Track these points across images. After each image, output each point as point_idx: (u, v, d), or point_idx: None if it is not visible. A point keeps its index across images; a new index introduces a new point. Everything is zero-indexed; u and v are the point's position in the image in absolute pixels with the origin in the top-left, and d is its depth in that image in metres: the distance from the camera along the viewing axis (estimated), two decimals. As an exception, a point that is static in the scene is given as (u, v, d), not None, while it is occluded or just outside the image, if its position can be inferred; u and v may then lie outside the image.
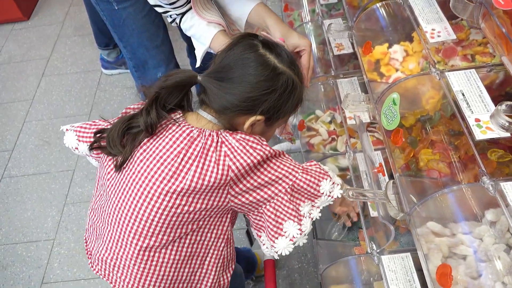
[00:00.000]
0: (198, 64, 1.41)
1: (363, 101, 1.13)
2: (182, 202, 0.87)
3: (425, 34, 1.05)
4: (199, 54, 1.38)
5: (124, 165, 0.92)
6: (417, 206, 0.84)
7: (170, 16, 1.34)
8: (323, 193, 0.93)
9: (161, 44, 1.59)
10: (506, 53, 0.78)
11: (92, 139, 1.01)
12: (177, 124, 0.92)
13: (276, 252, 0.93)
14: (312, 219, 0.93)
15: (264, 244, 0.96)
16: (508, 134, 0.78)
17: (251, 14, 1.35)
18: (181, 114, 0.96)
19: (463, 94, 0.91)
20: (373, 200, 0.90)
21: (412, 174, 0.95)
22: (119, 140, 0.92)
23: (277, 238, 0.92)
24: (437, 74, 0.96)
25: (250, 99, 0.89)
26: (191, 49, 1.42)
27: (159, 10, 1.34)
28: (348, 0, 1.44)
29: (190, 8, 1.31)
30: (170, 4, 1.29)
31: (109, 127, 0.97)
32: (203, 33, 1.33)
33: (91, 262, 1.03)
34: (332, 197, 0.94)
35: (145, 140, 0.92)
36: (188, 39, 1.51)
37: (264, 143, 0.91)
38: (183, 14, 1.33)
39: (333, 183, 0.93)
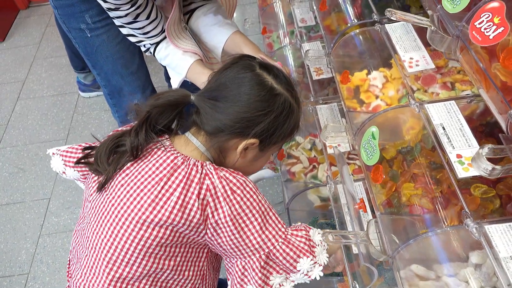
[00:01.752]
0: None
1: (343, 131, 1.09)
2: (159, 234, 0.83)
3: (403, 63, 1.03)
4: (175, 83, 1.34)
5: (106, 186, 0.89)
6: (400, 249, 0.81)
7: (144, 45, 1.30)
8: (299, 271, 0.87)
9: (136, 71, 1.54)
10: (485, 89, 0.76)
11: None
12: (162, 148, 0.88)
13: None
14: None
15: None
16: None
17: (227, 42, 1.32)
18: (168, 138, 0.92)
19: (443, 128, 0.88)
20: (354, 243, 0.86)
21: (394, 211, 0.91)
22: (106, 158, 0.89)
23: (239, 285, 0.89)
24: (416, 107, 0.93)
25: (245, 120, 0.86)
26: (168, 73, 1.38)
27: (132, 39, 1.30)
28: (325, 25, 1.42)
29: (165, 37, 1.27)
30: (144, 34, 1.25)
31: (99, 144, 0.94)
32: (179, 62, 1.29)
33: (68, 286, 0.99)
34: (310, 277, 0.87)
35: (129, 164, 0.88)
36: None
37: (248, 188, 0.86)
38: (157, 43, 1.29)
39: (315, 262, 0.87)
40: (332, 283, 1.14)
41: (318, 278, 0.88)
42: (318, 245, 0.89)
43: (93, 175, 0.94)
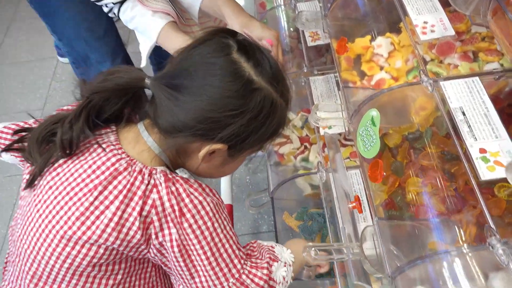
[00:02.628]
0: (143, 64, 1.17)
1: (338, 111, 0.91)
2: (90, 253, 0.67)
3: (415, 28, 0.82)
4: (144, 51, 1.14)
5: (36, 183, 0.72)
6: (403, 270, 0.64)
7: (106, 5, 1.09)
8: None
9: (104, 35, 1.34)
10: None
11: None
12: (104, 145, 0.70)
13: None
14: None
15: None
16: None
17: (204, 1, 1.11)
18: (115, 130, 0.74)
19: (463, 113, 0.69)
20: (345, 259, 0.69)
21: (397, 215, 0.73)
22: (38, 147, 0.71)
23: None
24: (429, 85, 0.74)
25: (209, 121, 0.67)
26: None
27: (91, -3, 1.09)
28: (322, -19, 1.20)
29: None
30: (104, -12, 1.04)
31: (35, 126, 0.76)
32: (148, 25, 1.09)
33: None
34: None
35: (61, 161, 0.71)
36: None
37: (203, 211, 0.70)
38: (121, 2, 1.09)
39: None
40: (323, 286, 0.98)
41: None
42: (280, 283, 0.75)
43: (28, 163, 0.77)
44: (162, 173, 0.69)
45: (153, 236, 0.68)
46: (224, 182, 1.30)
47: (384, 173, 0.73)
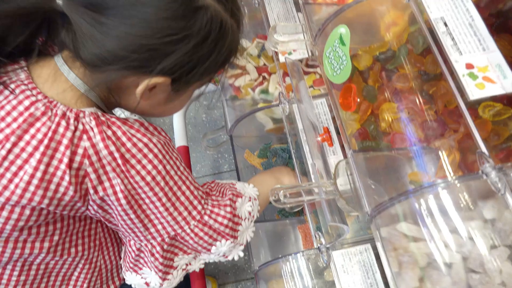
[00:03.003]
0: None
1: (298, 33, 0.79)
2: (13, 216, 0.58)
3: None
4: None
5: None
6: (384, 207, 0.57)
7: None
8: (214, 253, 0.70)
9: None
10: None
11: None
12: (13, 86, 0.57)
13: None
14: (187, 271, 0.72)
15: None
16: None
17: None
18: (25, 66, 0.60)
19: (445, 24, 0.59)
20: (317, 199, 0.61)
21: (371, 145, 0.66)
22: None
23: (130, 271, 0.71)
24: (405, -8, 0.63)
25: (145, 49, 0.55)
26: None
27: None
28: None
29: None
30: None
31: None
32: None
33: None
34: (226, 257, 0.72)
35: None
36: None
37: (151, 154, 0.60)
38: None
39: (236, 243, 0.69)
40: (293, 226, 0.92)
41: (236, 258, 0.73)
42: (246, 218, 0.70)
43: None
44: (92, 116, 0.57)
45: (91, 191, 0.58)
46: (177, 121, 1.18)
47: (358, 100, 0.64)
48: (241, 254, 0.74)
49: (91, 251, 0.72)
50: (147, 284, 0.71)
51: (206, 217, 0.67)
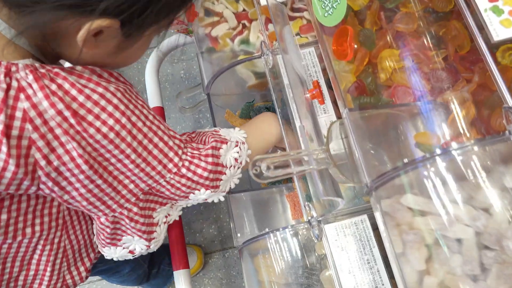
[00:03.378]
0: None
1: (280, -33, 0.66)
2: None
3: None
4: None
5: None
6: (384, 179, 0.46)
7: None
8: (192, 200, 0.65)
9: None
10: None
11: None
12: None
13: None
14: (168, 222, 0.67)
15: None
16: None
17: None
18: None
19: None
20: (307, 170, 0.51)
21: (369, 102, 0.55)
22: None
23: (108, 247, 0.64)
24: None
25: None
26: None
27: None
28: None
29: None
30: None
31: None
32: None
33: None
34: (206, 200, 0.66)
35: None
36: None
37: (111, 105, 0.51)
38: None
39: (218, 191, 0.62)
40: (280, 194, 0.83)
41: (216, 201, 0.67)
42: (231, 166, 0.63)
43: None
44: (28, 69, 0.46)
45: (42, 163, 0.48)
46: (150, 79, 1.05)
47: (355, 46, 0.52)
48: (222, 199, 0.68)
49: (51, 231, 0.63)
50: (131, 252, 0.65)
51: (184, 170, 0.59)
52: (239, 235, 0.74)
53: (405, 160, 0.44)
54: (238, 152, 0.65)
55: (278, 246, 0.68)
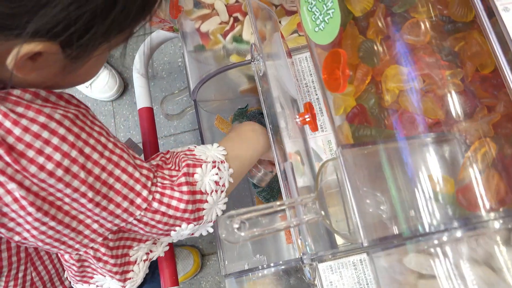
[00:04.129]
0: None
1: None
2: None
3: None
4: None
5: None
6: (386, 244, 0.38)
7: None
8: (175, 236, 0.57)
9: None
10: None
11: None
12: None
13: None
14: (151, 259, 0.59)
15: None
16: None
17: None
18: None
19: None
20: (294, 225, 0.42)
21: (369, 134, 0.45)
22: None
23: (80, 284, 0.57)
24: None
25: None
26: None
27: None
28: None
29: None
30: None
31: None
32: None
33: None
34: (193, 234, 0.59)
35: None
36: None
37: (58, 136, 0.44)
38: None
39: (203, 223, 0.56)
40: (273, 217, 0.75)
41: (205, 234, 0.60)
42: (212, 191, 0.55)
43: None
44: None
45: None
46: (137, 77, 0.97)
47: (351, 73, 0.42)
48: (211, 230, 0.60)
49: (13, 266, 0.56)
50: None
51: (155, 204, 0.51)
52: (226, 262, 0.67)
53: (413, 229, 0.36)
54: (217, 174, 0.56)
55: (268, 281, 0.61)
